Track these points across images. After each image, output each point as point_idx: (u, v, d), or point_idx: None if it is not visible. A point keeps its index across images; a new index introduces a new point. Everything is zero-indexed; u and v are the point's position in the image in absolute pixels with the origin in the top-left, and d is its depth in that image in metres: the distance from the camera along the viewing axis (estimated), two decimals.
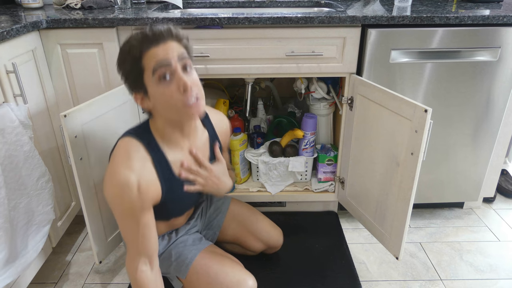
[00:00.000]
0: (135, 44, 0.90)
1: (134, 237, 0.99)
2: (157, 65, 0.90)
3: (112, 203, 0.97)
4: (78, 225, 1.67)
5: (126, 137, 1.00)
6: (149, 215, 0.99)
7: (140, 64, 0.91)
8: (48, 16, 1.33)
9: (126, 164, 0.95)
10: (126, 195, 0.93)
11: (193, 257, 1.15)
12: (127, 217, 0.97)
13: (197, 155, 1.09)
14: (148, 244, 1.01)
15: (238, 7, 1.73)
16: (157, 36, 0.90)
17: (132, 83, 0.96)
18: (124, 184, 0.93)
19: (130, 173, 0.93)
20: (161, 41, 0.91)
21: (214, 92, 1.79)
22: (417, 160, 1.11)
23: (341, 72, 1.41)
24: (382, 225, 1.32)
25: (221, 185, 1.15)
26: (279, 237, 1.40)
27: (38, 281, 1.39)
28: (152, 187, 0.98)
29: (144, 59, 0.91)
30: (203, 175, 1.10)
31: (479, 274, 1.40)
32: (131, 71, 0.93)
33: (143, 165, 0.97)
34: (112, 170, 0.95)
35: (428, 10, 1.40)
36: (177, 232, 1.22)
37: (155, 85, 0.92)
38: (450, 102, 1.43)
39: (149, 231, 1.00)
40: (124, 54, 0.92)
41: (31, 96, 1.24)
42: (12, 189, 1.05)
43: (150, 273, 1.03)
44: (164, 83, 0.91)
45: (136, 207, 0.95)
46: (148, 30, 0.91)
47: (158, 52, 0.90)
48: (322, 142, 1.72)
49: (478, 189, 1.60)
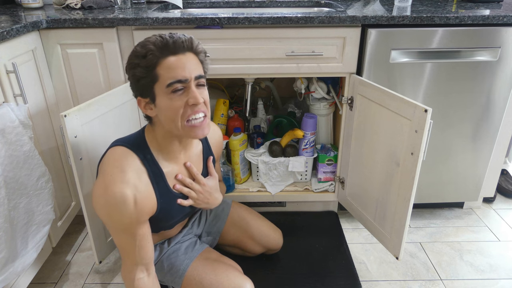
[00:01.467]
0: (153, 50, 0.86)
1: (131, 249, 0.97)
2: (174, 80, 0.87)
3: (106, 219, 0.92)
4: (78, 225, 1.67)
5: (118, 146, 0.96)
6: (145, 226, 0.97)
7: (154, 71, 0.87)
8: (48, 16, 1.33)
9: (120, 177, 0.89)
10: (122, 211, 0.89)
11: (186, 268, 1.13)
12: (123, 232, 0.94)
13: (191, 168, 1.06)
14: (145, 254, 0.99)
15: (238, 7, 1.73)
16: (178, 45, 0.87)
17: (140, 88, 0.92)
18: (120, 199, 0.88)
19: (126, 188, 0.89)
20: (181, 52, 0.88)
21: (214, 92, 1.79)
22: (417, 160, 1.11)
23: (341, 72, 1.41)
24: (382, 225, 1.32)
25: (212, 200, 1.12)
26: (279, 240, 1.40)
27: (38, 281, 1.39)
28: (148, 200, 0.95)
29: (159, 67, 0.87)
30: (196, 189, 1.07)
31: (479, 274, 1.40)
32: (143, 77, 0.88)
33: (139, 177, 0.93)
34: (105, 184, 0.89)
35: (428, 10, 1.40)
36: (169, 242, 1.20)
37: (165, 96, 0.89)
38: (450, 102, 1.43)
39: (145, 241, 0.98)
40: (139, 57, 0.87)
41: (31, 96, 1.24)
42: (12, 189, 1.05)
43: (148, 279, 1.02)
44: (175, 95, 0.88)
45: (133, 221, 0.92)
46: (169, 36, 0.87)
47: (176, 64, 0.87)
48: (322, 142, 1.72)
49: (478, 189, 1.60)
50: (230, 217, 1.35)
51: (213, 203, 1.13)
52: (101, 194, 0.90)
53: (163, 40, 0.86)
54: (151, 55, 0.86)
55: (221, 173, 1.33)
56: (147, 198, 0.95)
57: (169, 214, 1.05)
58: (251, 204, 1.64)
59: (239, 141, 1.61)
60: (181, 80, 0.87)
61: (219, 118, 1.68)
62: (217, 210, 1.36)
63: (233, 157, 1.64)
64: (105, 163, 0.94)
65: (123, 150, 0.95)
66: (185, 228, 1.25)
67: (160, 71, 0.87)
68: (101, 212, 0.91)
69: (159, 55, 0.86)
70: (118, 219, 0.91)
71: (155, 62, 0.87)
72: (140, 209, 0.92)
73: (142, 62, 0.87)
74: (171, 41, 0.86)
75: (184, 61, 0.88)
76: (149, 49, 0.86)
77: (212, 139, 1.19)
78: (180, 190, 1.04)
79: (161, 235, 1.18)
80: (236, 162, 1.64)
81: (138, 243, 0.96)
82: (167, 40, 0.86)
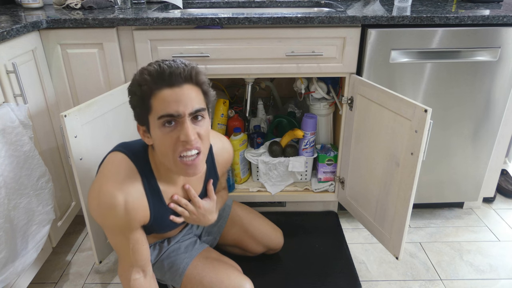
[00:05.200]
0: (148, 80, 0.82)
1: (125, 251, 0.97)
2: (164, 113, 0.82)
3: (99, 220, 0.93)
4: (78, 225, 1.67)
5: (120, 153, 0.95)
6: (138, 232, 0.97)
7: (148, 102, 0.84)
8: (48, 16, 1.33)
9: (115, 181, 0.89)
10: (112, 214, 0.89)
11: (186, 267, 1.13)
12: (116, 234, 0.95)
13: (190, 191, 1.04)
14: (140, 256, 0.99)
15: (238, 7, 1.73)
16: (175, 77, 0.82)
17: (136, 116, 0.90)
18: (110, 202, 0.88)
19: (118, 192, 0.89)
20: (177, 84, 0.82)
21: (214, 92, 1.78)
22: (417, 160, 1.11)
23: (341, 72, 1.41)
24: (382, 225, 1.32)
25: (204, 220, 1.10)
26: (280, 240, 1.40)
27: (38, 281, 1.39)
28: (140, 209, 0.94)
29: (153, 98, 0.83)
30: (191, 210, 1.05)
31: (479, 274, 1.40)
32: (138, 106, 0.87)
33: (134, 186, 0.92)
34: (99, 186, 0.90)
35: (428, 10, 1.40)
36: (169, 241, 1.20)
37: (158, 128, 0.85)
38: (450, 102, 1.43)
39: (140, 245, 0.98)
40: (135, 85, 0.85)
41: (31, 96, 1.24)
42: (12, 189, 1.05)
43: (144, 280, 1.02)
44: (167, 128, 0.84)
45: (125, 226, 0.93)
46: (167, 66, 0.82)
47: (170, 98, 0.82)
48: (322, 142, 1.72)
49: (478, 189, 1.60)
50: (231, 217, 1.35)
51: (204, 223, 1.11)
52: (95, 196, 0.90)
53: (159, 70, 0.82)
54: (145, 86, 0.83)
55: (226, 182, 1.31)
56: (140, 207, 0.94)
57: (162, 226, 1.05)
58: (251, 204, 1.64)
59: (239, 141, 1.61)
60: (173, 115, 0.82)
61: (219, 118, 1.68)
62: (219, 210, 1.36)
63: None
64: (104, 166, 0.95)
65: (123, 157, 0.94)
66: (185, 228, 1.25)
67: (154, 102, 0.83)
68: (94, 213, 0.92)
69: (153, 87, 0.83)
70: (111, 222, 0.92)
71: (150, 94, 0.83)
72: (131, 216, 0.92)
73: (137, 91, 0.85)
74: (168, 72, 0.82)
75: (179, 94, 0.82)
76: (144, 79, 0.83)
77: (220, 157, 1.13)
78: (174, 209, 1.03)
79: (160, 235, 1.18)
80: (236, 162, 1.64)
81: (132, 247, 0.97)
82: (163, 70, 0.82)
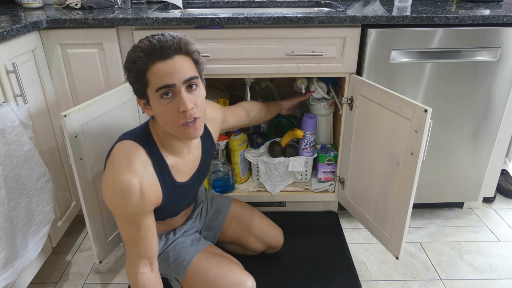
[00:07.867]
0: (141, 56, 0.87)
1: (136, 240, 0.99)
2: (161, 85, 0.88)
3: (114, 209, 0.95)
4: (78, 225, 1.67)
5: (125, 140, 0.99)
6: (150, 218, 0.99)
7: (144, 77, 0.89)
8: (48, 16, 1.33)
9: (128, 167, 0.93)
10: (129, 199, 0.92)
11: (191, 259, 1.15)
12: (129, 222, 0.96)
13: None
14: (149, 247, 1.01)
15: (238, 7, 1.73)
16: (165, 50, 0.87)
17: (135, 91, 0.95)
18: (127, 188, 0.91)
19: (133, 177, 0.92)
20: (168, 57, 0.87)
21: (214, 92, 1.79)
22: (417, 160, 1.11)
23: (341, 72, 1.41)
24: (382, 225, 1.32)
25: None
26: (280, 238, 1.40)
27: (38, 281, 1.39)
28: (154, 191, 0.98)
29: (149, 73, 0.88)
30: None
31: (479, 274, 1.40)
32: (135, 81, 0.91)
33: (145, 168, 0.96)
34: (113, 174, 0.93)
35: (428, 10, 1.40)
36: (175, 233, 1.22)
37: (156, 100, 0.91)
38: (450, 102, 1.43)
39: (150, 233, 1.00)
40: (130, 63, 0.90)
41: (31, 96, 1.24)
42: (12, 189, 1.05)
43: (151, 274, 1.03)
44: (165, 100, 0.90)
45: (139, 211, 0.95)
46: (157, 40, 0.87)
47: (164, 69, 0.87)
48: (322, 142, 1.72)
49: (478, 189, 1.60)
50: (231, 213, 1.36)
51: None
52: (109, 185, 0.93)
53: (150, 45, 0.87)
54: (140, 61, 0.88)
55: (243, 105, 1.38)
56: (153, 188, 0.97)
57: (174, 203, 1.08)
58: (251, 204, 1.63)
59: (239, 141, 1.61)
60: (169, 85, 0.88)
61: None
62: (218, 204, 1.37)
63: (233, 157, 1.64)
64: (113, 156, 0.97)
65: (130, 143, 0.98)
66: (189, 220, 1.26)
67: (150, 76, 0.89)
68: (109, 202, 0.94)
69: (147, 62, 0.87)
70: (125, 209, 0.94)
71: (145, 69, 0.88)
72: (146, 199, 0.95)
73: (133, 67, 0.89)
74: (158, 46, 0.86)
75: (172, 65, 0.87)
76: (138, 55, 0.88)
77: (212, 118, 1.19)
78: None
79: (166, 224, 1.19)
80: (236, 162, 1.64)
81: (143, 234, 0.98)
82: (154, 45, 0.86)
